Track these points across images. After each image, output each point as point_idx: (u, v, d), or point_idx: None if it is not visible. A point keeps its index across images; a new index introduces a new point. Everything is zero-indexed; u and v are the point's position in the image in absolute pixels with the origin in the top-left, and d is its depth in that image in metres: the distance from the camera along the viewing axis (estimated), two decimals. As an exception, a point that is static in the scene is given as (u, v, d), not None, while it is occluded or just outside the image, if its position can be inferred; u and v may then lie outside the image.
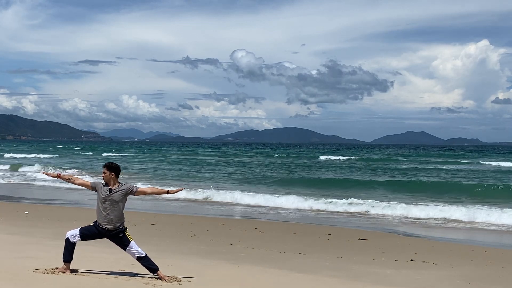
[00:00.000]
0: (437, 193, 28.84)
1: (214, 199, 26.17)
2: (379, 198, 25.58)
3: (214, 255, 11.55)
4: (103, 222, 8.44)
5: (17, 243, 11.47)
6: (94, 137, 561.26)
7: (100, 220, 8.47)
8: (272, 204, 23.94)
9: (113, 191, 8.48)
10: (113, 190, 8.49)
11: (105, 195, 8.46)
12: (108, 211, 8.42)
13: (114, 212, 8.42)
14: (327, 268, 10.65)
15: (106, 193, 8.46)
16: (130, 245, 8.49)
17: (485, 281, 10.14)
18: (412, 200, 25.26)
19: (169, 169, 50.63)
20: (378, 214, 21.39)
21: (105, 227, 8.43)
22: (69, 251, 8.51)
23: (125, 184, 8.64)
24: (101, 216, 8.45)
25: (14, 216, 17.22)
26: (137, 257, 8.51)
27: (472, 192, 29.09)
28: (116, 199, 8.44)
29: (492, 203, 23.74)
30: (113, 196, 8.44)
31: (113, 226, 8.42)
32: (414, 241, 15.18)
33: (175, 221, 17.68)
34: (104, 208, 8.42)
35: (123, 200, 8.52)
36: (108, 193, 8.46)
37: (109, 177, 8.52)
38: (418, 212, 21.01)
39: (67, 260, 8.50)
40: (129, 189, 8.56)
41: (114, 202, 8.43)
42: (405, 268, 11.07)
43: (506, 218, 19.43)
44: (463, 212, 20.53)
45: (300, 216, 20.98)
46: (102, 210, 8.44)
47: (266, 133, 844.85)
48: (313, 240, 14.67)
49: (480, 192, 29.15)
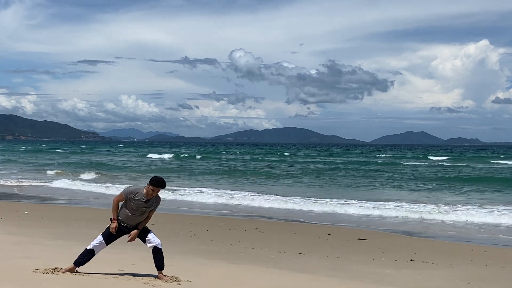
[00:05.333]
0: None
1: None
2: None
3: (214, 255, 11.55)
4: (129, 222, 8.39)
5: (17, 243, 11.46)
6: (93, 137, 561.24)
7: (125, 220, 8.38)
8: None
9: (149, 202, 8.31)
10: (149, 201, 8.32)
11: (140, 205, 8.29)
12: (137, 217, 8.37)
13: (142, 217, 8.42)
14: (327, 268, 10.65)
15: (141, 203, 8.28)
16: (150, 234, 8.45)
17: (485, 281, 10.13)
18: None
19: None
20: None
21: (129, 226, 8.41)
22: (82, 255, 8.46)
23: (159, 197, 8.47)
24: (128, 219, 8.36)
25: (14, 216, 17.21)
26: (155, 247, 8.38)
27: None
28: (147, 210, 8.39)
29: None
30: (146, 208, 8.34)
31: (133, 226, 8.44)
32: (413, 241, 15.19)
33: (175, 221, 17.67)
34: (133, 214, 8.33)
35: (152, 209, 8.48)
36: (144, 203, 8.29)
37: (155, 194, 8.35)
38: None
39: (75, 262, 8.47)
40: (158, 205, 8.50)
41: (145, 212, 8.39)
42: (405, 268, 11.07)
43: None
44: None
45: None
46: (131, 214, 8.32)
47: (266, 133, 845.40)
48: (312, 240, 14.67)
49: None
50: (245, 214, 21.03)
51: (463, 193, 30.14)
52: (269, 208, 23.02)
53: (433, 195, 29.29)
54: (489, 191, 30.97)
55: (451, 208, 22.19)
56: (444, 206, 23.21)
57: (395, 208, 22.36)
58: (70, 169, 49.23)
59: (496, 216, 20.11)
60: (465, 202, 25.27)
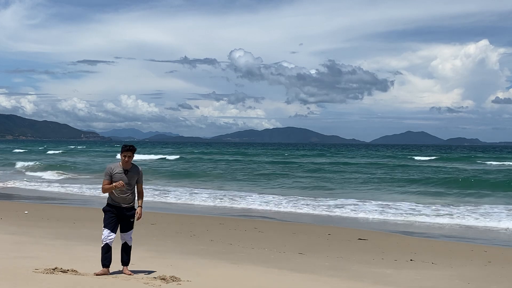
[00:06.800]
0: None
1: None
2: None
3: (214, 255, 11.55)
4: (121, 201, 8.49)
5: (17, 243, 11.47)
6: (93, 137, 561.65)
7: (117, 200, 8.48)
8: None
9: (129, 173, 8.50)
10: (129, 171, 8.51)
11: (122, 178, 8.43)
12: (126, 191, 8.48)
13: (131, 190, 8.56)
14: (327, 268, 10.66)
15: (122, 175, 8.44)
16: (131, 232, 8.67)
17: (485, 281, 10.13)
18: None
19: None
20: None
21: (124, 205, 8.50)
22: (103, 255, 8.53)
23: (137, 167, 8.64)
24: (119, 198, 8.47)
25: (14, 216, 17.22)
26: (126, 243, 8.63)
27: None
28: (131, 182, 8.53)
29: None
30: (129, 180, 8.48)
31: (128, 204, 8.55)
32: (413, 241, 15.19)
33: (175, 221, 17.68)
34: (121, 190, 8.45)
35: (136, 180, 8.63)
36: (125, 175, 8.46)
37: (130, 160, 8.55)
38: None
39: (103, 265, 8.55)
40: (140, 173, 8.66)
41: (130, 185, 8.52)
42: (405, 268, 11.07)
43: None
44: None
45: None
46: (119, 192, 8.45)
47: (266, 133, 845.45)
48: (312, 240, 14.67)
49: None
50: (245, 214, 21.03)
51: (403, 193, 30.00)
52: (269, 209, 23.02)
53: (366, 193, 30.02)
54: (433, 193, 30.23)
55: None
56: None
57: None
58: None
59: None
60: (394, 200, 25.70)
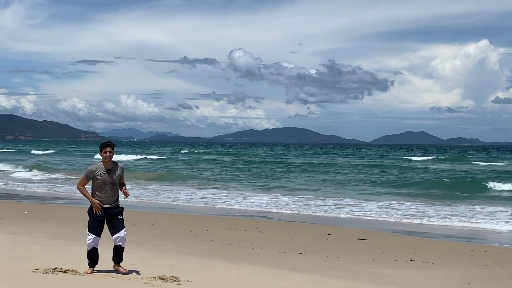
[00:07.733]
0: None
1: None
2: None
3: (214, 255, 11.54)
4: (106, 202, 8.42)
5: (17, 243, 11.47)
6: (93, 137, 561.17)
7: (102, 201, 8.41)
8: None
9: (111, 172, 8.41)
10: (111, 170, 8.42)
11: (105, 178, 8.37)
12: (109, 191, 8.42)
13: (114, 190, 8.48)
14: (327, 268, 10.65)
15: (105, 176, 8.37)
16: (124, 232, 8.54)
17: (485, 281, 10.13)
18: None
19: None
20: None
21: (109, 205, 8.43)
22: (90, 257, 8.61)
23: (117, 163, 8.55)
24: (103, 199, 8.40)
25: (14, 216, 17.21)
26: (119, 245, 8.54)
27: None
28: (115, 181, 8.46)
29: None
30: (112, 179, 8.41)
31: (113, 204, 8.48)
32: (413, 241, 15.18)
33: (175, 221, 17.67)
34: (105, 190, 8.39)
35: (119, 178, 8.54)
36: (108, 175, 8.39)
37: (111, 156, 8.46)
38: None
39: (90, 265, 8.63)
40: (122, 169, 8.57)
41: (114, 183, 8.45)
42: (405, 268, 11.07)
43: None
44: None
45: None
46: (104, 191, 8.38)
47: (266, 133, 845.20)
48: (312, 240, 14.67)
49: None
50: (245, 214, 21.03)
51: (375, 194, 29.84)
52: (269, 209, 23.03)
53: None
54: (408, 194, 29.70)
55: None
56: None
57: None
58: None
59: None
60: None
